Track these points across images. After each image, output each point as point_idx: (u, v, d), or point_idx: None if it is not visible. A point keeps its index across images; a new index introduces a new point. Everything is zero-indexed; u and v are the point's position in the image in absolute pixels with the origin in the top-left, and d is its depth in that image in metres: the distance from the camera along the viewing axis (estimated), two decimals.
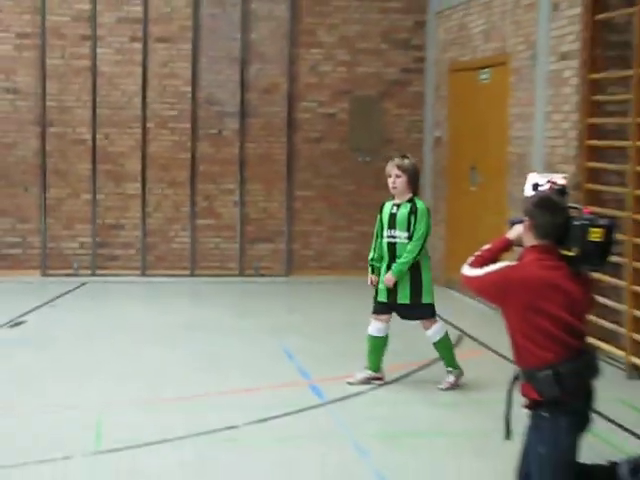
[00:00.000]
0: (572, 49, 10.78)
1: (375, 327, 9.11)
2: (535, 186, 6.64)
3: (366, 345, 9.17)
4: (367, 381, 9.12)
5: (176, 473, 6.84)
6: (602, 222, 6.22)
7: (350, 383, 9.02)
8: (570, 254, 6.13)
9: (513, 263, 6.10)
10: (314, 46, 15.35)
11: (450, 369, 9.05)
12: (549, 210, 6.16)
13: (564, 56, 10.98)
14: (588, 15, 10.48)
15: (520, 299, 5.96)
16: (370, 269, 9.30)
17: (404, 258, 8.85)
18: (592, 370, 6.14)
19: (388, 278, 8.89)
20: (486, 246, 6.43)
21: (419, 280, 8.92)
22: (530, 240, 6.18)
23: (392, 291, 8.97)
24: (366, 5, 15.37)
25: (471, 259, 6.31)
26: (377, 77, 15.49)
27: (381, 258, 9.13)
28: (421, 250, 8.97)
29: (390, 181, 8.94)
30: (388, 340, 9.13)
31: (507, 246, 6.42)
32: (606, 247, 6.23)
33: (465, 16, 13.97)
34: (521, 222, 6.36)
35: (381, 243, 9.12)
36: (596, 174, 10.41)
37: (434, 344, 9.11)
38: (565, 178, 6.79)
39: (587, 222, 6.18)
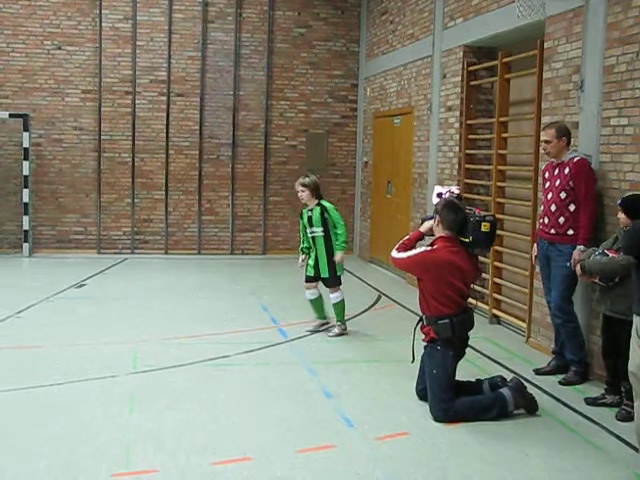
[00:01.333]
0: (455, 104, 10.84)
1: (309, 293, 8.98)
2: (439, 194, 6.70)
3: (310, 306, 9.10)
4: (322, 326, 9.05)
5: (188, 386, 6.85)
6: (489, 218, 6.35)
7: (330, 336, 8.79)
8: (467, 241, 6.25)
9: (429, 248, 6.20)
10: (282, 99, 15.27)
11: (339, 323, 8.90)
12: (453, 210, 6.27)
13: (449, 108, 11.03)
14: (465, 82, 10.56)
15: (434, 273, 6.15)
16: (301, 253, 9.08)
17: (341, 239, 8.70)
18: (471, 321, 6.31)
19: (339, 256, 8.75)
20: (406, 237, 6.54)
21: (333, 261, 8.78)
22: (439, 231, 6.30)
23: (316, 268, 8.80)
24: (318, 73, 15.33)
25: (397, 246, 6.46)
26: (325, 120, 15.45)
27: (309, 247, 8.95)
28: (346, 231, 8.81)
29: (299, 195, 8.82)
30: (322, 297, 9.02)
31: (421, 237, 6.57)
32: (491, 236, 6.35)
33: (384, 81, 13.98)
34: (431, 219, 6.47)
35: (307, 237, 8.90)
36: (471, 187, 10.49)
37: (334, 304, 8.89)
38: (459, 189, 6.87)
39: (479, 218, 6.28)
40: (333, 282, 8.87)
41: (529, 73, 8.96)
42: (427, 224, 6.54)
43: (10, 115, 14.09)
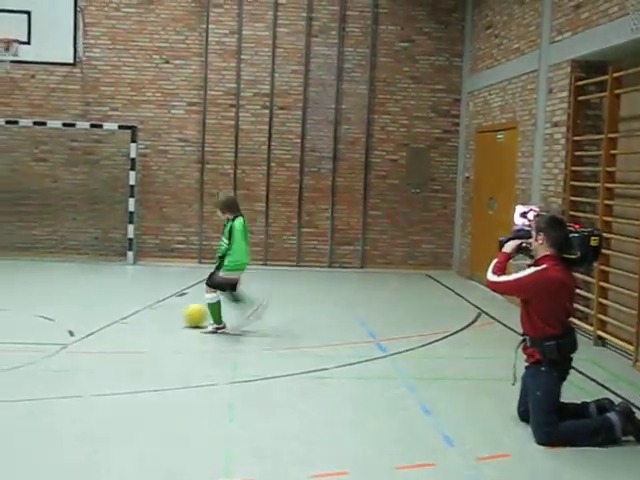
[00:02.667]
0: (561, 119, 10.60)
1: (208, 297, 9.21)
2: (523, 214, 6.54)
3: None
4: (215, 331, 9.18)
5: (287, 397, 6.86)
6: (597, 232, 6.19)
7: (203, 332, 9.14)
8: (572, 257, 6.08)
9: (538, 268, 5.98)
10: (384, 113, 15.25)
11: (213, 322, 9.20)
12: (558, 227, 6.12)
13: (556, 124, 10.80)
14: (572, 97, 10.31)
15: (545, 294, 5.96)
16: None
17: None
18: (575, 342, 6.13)
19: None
20: (495, 260, 6.31)
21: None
22: (543, 250, 6.10)
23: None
24: (420, 87, 15.25)
25: (492, 269, 6.24)
26: (426, 135, 15.34)
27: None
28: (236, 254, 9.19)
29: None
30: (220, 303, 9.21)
31: (509, 259, 6.34)
32: (599, 250, 6.18)
33: (488, 95, 13.80)
34: (509, 240, 6.32)
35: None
36: (576, 205, 10.23)
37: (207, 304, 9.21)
38: (539, 207, 6.71)
39: (587, 233, 6.13)
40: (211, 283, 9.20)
41: None
42: (512, 244, 6.36)
43: (119, 127, 14.50)
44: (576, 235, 6.05)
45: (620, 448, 5.86)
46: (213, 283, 9.20)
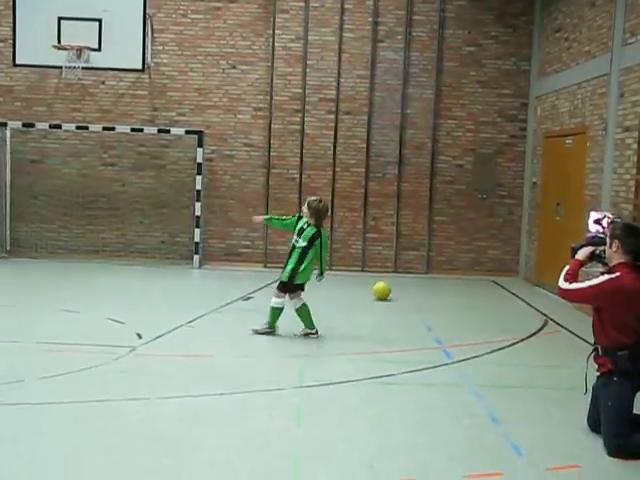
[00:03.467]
0: (633, 124, 10.41)
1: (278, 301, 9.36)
2: (597, 220, 6.44)
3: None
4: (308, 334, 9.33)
5: (354, 403, 6.86)
6: None
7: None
8: None
9: (612, 276, 5.89)
10: (450, 118, 15.18)
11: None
12: (634, 233, 6.01)
13: (627, 129, 10.61)
14: None
15: (619, 302, 5.85)
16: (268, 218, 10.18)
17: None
18: None
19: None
20: (567, 267, 6.22)
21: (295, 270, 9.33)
22: (618, 257, 6.00)
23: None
24: (487, 92, 15.14)
25: (564, 277, 6.14)
26: (492, 140, 15.22)
27: (278, 220, 9.92)
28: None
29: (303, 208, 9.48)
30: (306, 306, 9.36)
31: (581, 266, 6.22)
32: None
33: (556, 100, 13.62)
34: (581, 247, 6.22)
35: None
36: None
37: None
38: (614, 214, 6.60)
39: None
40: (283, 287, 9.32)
41: None
42: (585, 251, 6.26)
43: (186, 132, 14.70)
44: None
45: None
46: (285, 285, 9.32)
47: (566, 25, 13.26)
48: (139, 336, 8.92)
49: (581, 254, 6.25)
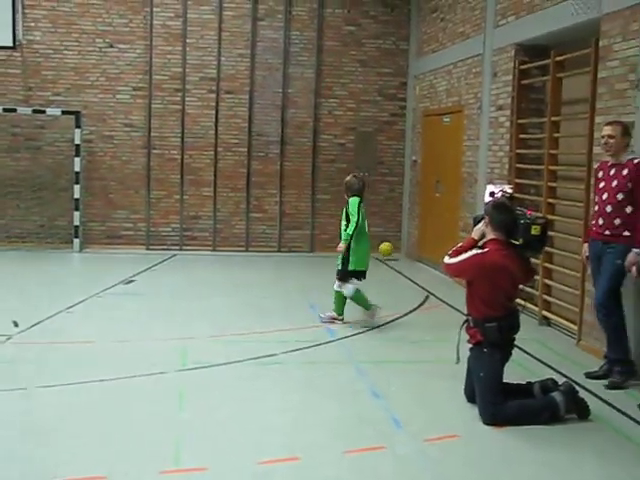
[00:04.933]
0: (506, 103, 10.73)
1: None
2: (491, 194, 6.63)
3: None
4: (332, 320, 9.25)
5: (237, 384, 6.87)
6: (540, 221, 6.24)
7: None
8: (517, 243, 6.16)
9: (480, 251, 6.11)
10: (331, 97, 15.26)
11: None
12: (502, 211, 6.19)
13: (500, 107, 10.93)
14: (516, 80, 10.45)
15: (484, 277, 6.04)
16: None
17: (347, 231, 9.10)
18: (518, 324, 6.22)
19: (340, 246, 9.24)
20: (459, 244, 6.38)
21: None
22: (489, 234, 6.19)
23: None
24: (367, 71, 15.28)
25: (449, 253, 6.32)
26: (373, 119, 15.40)
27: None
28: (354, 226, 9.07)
29: None
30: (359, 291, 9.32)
31: (474, 244, 6.35)
32: (543, 239, 6.24)
33: (434, 79, 13.89)
34: (482, 219, 6.36)
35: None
36: (521, 187, 10.35)
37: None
38: (512, 188, 6.79)
39: (529, 221, 6.18)
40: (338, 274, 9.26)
41: (583, 72, 8.81)
42: (478, 228, 6.41)
43: (63, 112, 14.28)
44: (521, 222, 6.14)
45: (563, 425, 6.00)
46: (340, 272, 9.31)
47: (442, 6, 13.51)
48: (15, 324, 8.65)
49: (475, 232, 6.37)
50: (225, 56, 14.92)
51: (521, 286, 6.55)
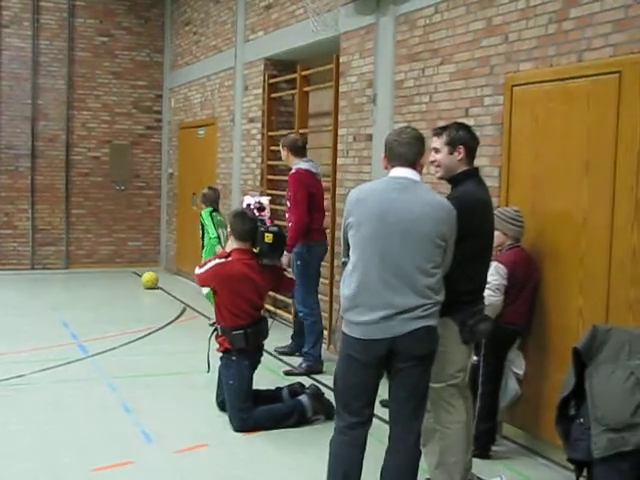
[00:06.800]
0: (257, 115, 10.98)
1: None
2: (248, 205, 6.72)
3: None
4: None
5: None
6: (272, 229, 6.41)
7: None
8: (256, 251, 6.32)
9: (222, 260, 6.18)
10: (85, 109, 14.85)
11: None
12: (241, 220, 6.31)
13: (252, 120, 11.15)
14: (266, 94, 10.72)
15: (226, 285, 6.17)
16: None
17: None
18: (265, 331, 6.37)
19: None
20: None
21: None
22: (233, 243, 6.30)
23: None
24: (121, 83, 15.03)
25: (200, 264, 6.41)
26: (129, 131, 15.17)
27: None
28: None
29: None
30: None
31: (226, 255, 6.34)
32: (276, 247, 6.42)
33: (188, 92, 13.94)
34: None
35: None
36: (273, 198, 10.56)
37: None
38: (269, 199, 6.96)
39: (263, 229, 6.35)
40: None
41: (326, 86, 9.20)
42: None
43: None
44: (259, 231, 6.33)
45: (311, 427, 6.21)
46: None
47: (194, 19, 13.60)
48: None
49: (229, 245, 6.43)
50: None
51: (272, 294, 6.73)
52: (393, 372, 4.27)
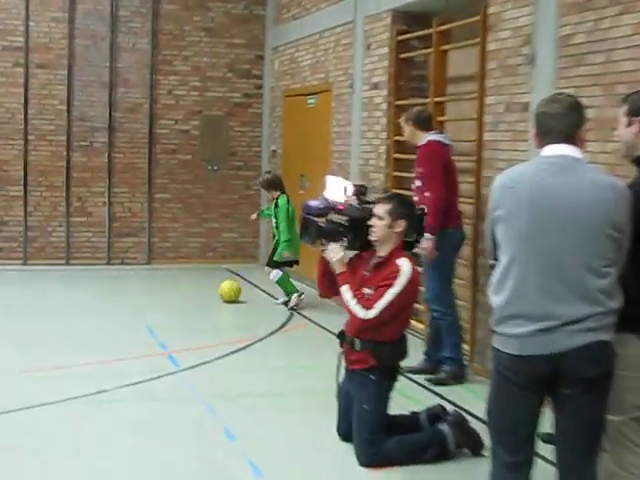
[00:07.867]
0: (381, 80, 10.96)
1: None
2: (345, 189, 6.65)
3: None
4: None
5: (55, 429, 6.72)
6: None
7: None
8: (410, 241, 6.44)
9: (409, 271, 6.00)
10: (171, 74, 15.20)
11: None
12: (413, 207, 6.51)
13: (375, 86, 11.14)
14: (393, 54, 10.68)
15: (413, 296, 6.28)
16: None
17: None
18: (407, 347, 6.39)
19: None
20: (344, 286, 6.08)
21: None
22: (396, 241, 6.17)
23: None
24: (215, 41, 15.30)
25: (356, 303, 6.01)
26: (223, 100, 15.43)
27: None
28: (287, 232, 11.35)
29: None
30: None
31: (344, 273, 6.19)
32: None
33: (296, 52, 14.03)
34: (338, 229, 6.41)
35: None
36: (399, 180, 10.58)
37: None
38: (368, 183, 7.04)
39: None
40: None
41: (470, 44, 9.10)
42: (336, 252, 6.20)
43: None
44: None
45: (454, 463, 6.15)
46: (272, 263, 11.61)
47: None
48: None
49: (337, 262, 6.16)
50: (35, 21, 14.59)
51: None
52: (558, 400, 4.21)
